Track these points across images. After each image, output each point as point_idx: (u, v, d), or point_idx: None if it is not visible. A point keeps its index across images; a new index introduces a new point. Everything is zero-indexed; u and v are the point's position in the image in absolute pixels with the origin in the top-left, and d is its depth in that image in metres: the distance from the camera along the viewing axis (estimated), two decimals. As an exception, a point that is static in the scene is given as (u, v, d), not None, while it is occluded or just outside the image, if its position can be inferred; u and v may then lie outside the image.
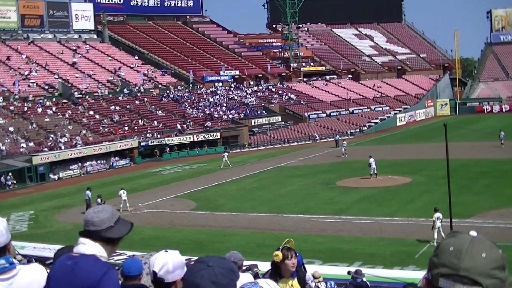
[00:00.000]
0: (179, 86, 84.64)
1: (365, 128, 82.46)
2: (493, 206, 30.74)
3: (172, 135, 67.71)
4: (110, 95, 76.04)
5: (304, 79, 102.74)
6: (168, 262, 3.29)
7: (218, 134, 70.34)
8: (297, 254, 6.02)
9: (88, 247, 3.25)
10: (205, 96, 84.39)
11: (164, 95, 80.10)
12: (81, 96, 73.00)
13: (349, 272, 13.95)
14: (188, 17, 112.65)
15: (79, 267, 3.15)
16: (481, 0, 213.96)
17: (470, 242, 1.95)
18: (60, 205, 41.14)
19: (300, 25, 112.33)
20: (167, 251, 3.38)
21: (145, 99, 76.89)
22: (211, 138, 69.78)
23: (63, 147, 58.66)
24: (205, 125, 72.72)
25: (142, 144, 64.27)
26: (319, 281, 11.91)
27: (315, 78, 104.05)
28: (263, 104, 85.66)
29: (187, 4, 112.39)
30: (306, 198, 37.34)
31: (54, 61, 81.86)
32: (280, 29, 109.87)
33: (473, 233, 1.99)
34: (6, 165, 53.00)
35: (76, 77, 78.07)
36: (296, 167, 52.34)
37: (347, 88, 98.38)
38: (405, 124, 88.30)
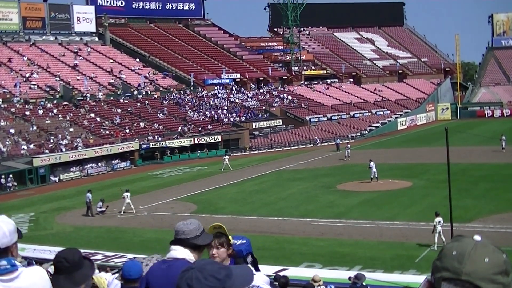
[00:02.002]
0: (185, 91, 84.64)
1: (366, 132, 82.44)
2: (493, 211, 30.71)
3: (173, 138, 67.72)
4: (111, 98, 76.08)
5: (305, 83, 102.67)
6: None
7: (219, 137, 70.31)
8: (244, 241, 4.94)
9: (179, 252, 3.87)
10: (206, 99, 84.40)
11: (165, 98, 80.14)
12: (82, 98, 73.04)
13: (349, 278, 13.93)
14: (189, 20, 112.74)
15: (173, 269, 3.71)
16: (482, 4, 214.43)
17: (473, 246, 1.94)
18: (60, 207, 41.13)
19: (302, 29, 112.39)
20: None
21: (146, 101, 76.90)
22: (212, 141, 69.76)
23: (64, 149, 58.66)
24: (206, 128, 72.72)
25: (143, 146, 64.28)
26: (319, 285, 11.92)
27: (316, 82, 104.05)
28: (264, 108, 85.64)
29: (188, 7, 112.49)
30: (306, 202, 37.33)
31: (55, 63, 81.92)
32: (281, 33, 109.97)
33: (477, 238, 1.98)
34: (7, 167, 53.00)
35: (78, 80, 78.13)
36: (296, 170, 52.33)
37: (348, 92, 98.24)
38: (406, 128, 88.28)
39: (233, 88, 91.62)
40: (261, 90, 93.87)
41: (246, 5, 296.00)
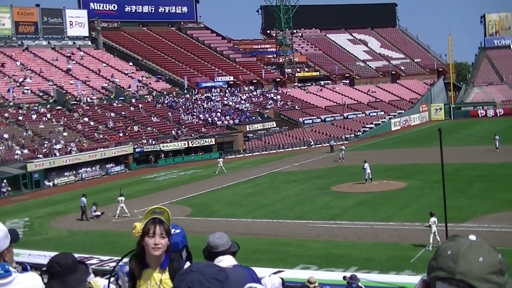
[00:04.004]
0: (178, 94, 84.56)
1: (360, 133, 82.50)
2: (488, 210, 30.77)
3: (167, 141, 67.63)
4: (105, 102, 75.94)
5: (299, 85, 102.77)
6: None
7: (213, 140, 70.26)
8: (178, 231, 4.12)
9: (229, 260, 4.50)
10: (199, 102, 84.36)
11: (159, 101, 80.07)
12: (75, 102, 72.89)
13: (344, 278, 13.91)
14: (182, 23, 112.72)
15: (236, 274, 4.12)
16: (475, 4, 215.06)
17: (468, 246, 1.95)
18: (55, 212, 41.01)
19: (294, 31, 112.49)
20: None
21: (140, 105, 76.81)
22: (206, 144, 69.69)
23: (58, 154, 58.51)
24: (200, 130, 72.64)
25: (137, 150, 64.16)
26: (314, 287, 11.88)
27: (309, 84, 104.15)
28: (257, 110, 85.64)
29: (181, 10, 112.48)
30: (302, 203, 37.31)
31: (48, 68, 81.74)
32: (274, 35, 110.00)
33: (472, 237, 1.98)
34: (1, 172, 52.80)
35: (71, 84, 77.96)
36: (291, 172, 52.32)
37: (341, 93, 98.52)
38: (399, 129, 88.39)
39: (227, 91, 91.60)
40: (254, 93, 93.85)
41: (238, 7, 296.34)
